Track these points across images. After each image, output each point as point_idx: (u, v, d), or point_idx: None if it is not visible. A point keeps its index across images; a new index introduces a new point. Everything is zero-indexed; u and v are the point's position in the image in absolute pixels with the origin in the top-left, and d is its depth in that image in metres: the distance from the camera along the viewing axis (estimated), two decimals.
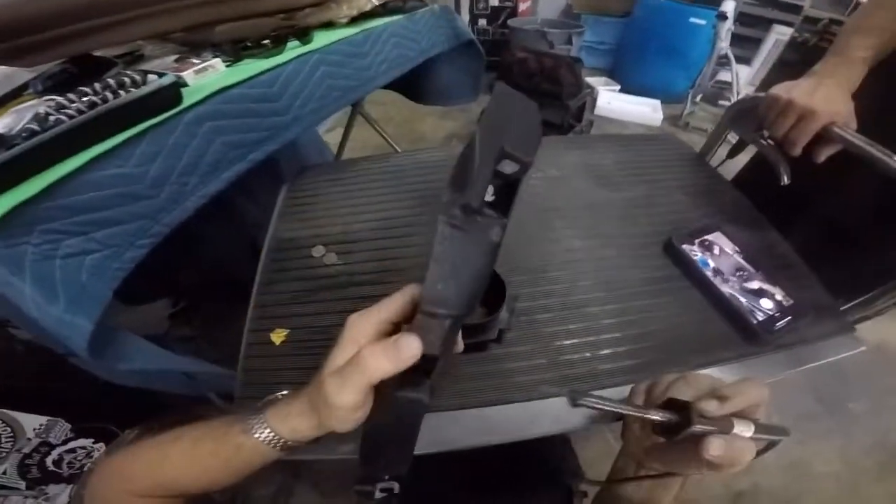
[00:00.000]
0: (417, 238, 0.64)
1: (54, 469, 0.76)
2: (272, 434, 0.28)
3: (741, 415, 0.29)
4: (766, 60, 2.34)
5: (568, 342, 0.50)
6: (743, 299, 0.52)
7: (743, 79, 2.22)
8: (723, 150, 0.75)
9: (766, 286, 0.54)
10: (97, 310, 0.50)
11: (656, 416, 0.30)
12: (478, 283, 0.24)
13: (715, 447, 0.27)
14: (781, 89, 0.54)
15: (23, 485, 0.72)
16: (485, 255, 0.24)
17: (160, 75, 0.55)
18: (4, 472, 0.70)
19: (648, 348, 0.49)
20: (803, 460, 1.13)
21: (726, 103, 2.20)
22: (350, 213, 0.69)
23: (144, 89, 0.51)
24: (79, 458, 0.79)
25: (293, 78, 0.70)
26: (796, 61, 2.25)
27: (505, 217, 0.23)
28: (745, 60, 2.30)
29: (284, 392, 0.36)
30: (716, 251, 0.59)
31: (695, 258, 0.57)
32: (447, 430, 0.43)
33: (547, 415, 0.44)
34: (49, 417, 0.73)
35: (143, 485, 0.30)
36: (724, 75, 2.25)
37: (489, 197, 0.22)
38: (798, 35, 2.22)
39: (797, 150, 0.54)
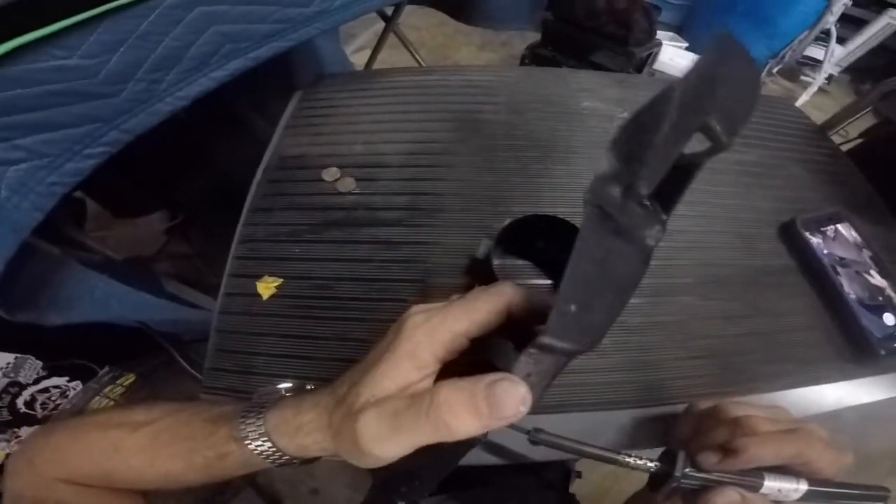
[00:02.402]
0: (458, 171, 0.51)
1: (27, 411, 0.68)
2: (272, 448, 0.21)
3: (789, 469, 0.22)
4: (865, 43, 2.07)
5: (654, 338, 0.38)
6: (865, 308, 0.41)
7: (833, 59, 1.97)
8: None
9: (892, 296, 0.43)
10: (11, 241, 0.39)
11: (632, 461, 0.23)
12: (619, 304, 0.17)
13: (718, 500, 0.20)
14: None
15: None
16: (636, 264, 0.17)
17: None
18: None
19: (745, 355, 0.38)
20: None
21: (808, 80, 2.02)
22: (376, 130, 0.55)
23: None
24: (53, 398, 0.71)
25: None
26: None
27: (666, 214, 0.17)
28: (839, 40, 2.04)
29: (287, 385, 0.29)
30: (842, 245, 0.45)
31: (819, 250, 0.44)
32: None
33: (611, 428, 0.33)
34: (17, 355, 0.64)
35: (83, 474, 0.25)
36: (811, 51, 2.04)
37: None
38: None
39: None
